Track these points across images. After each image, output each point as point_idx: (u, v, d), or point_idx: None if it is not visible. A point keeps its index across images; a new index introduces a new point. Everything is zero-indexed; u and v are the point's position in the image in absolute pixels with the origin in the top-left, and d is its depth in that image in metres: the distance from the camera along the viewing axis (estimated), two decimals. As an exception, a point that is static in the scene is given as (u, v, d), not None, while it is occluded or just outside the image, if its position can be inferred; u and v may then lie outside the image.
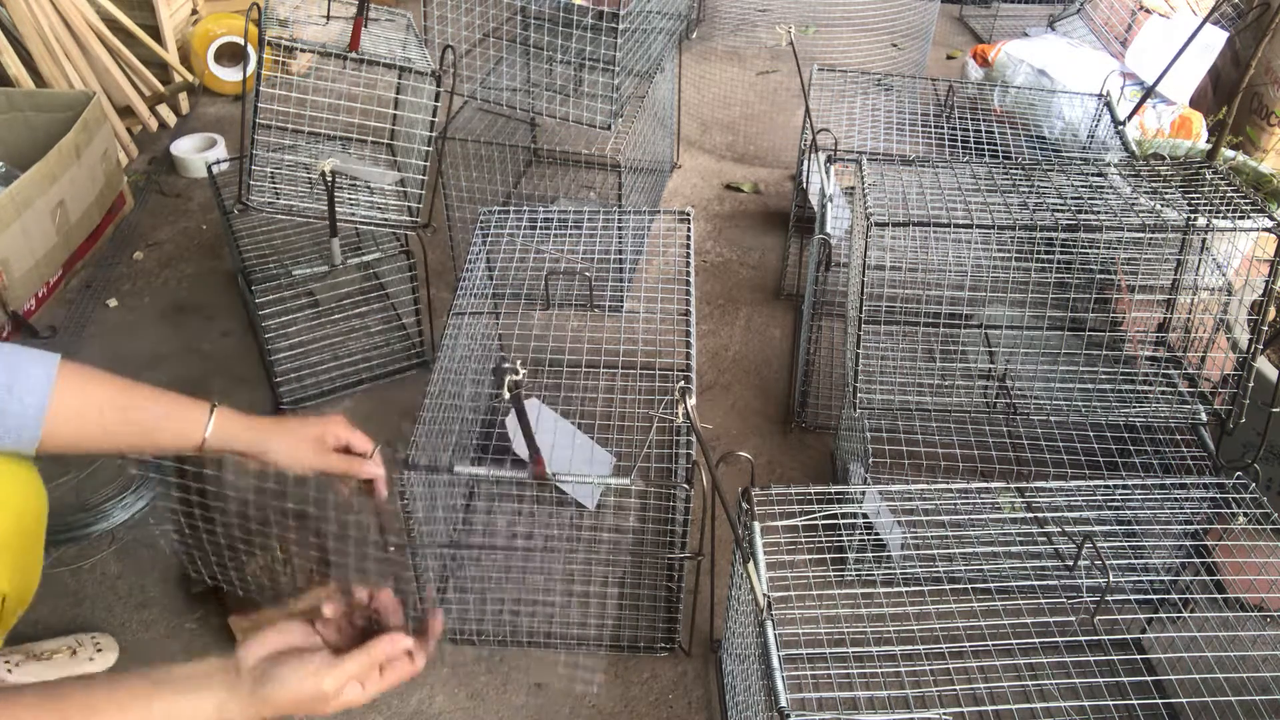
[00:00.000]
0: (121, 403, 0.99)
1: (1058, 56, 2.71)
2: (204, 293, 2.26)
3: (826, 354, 2.11)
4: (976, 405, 1.53)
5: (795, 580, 1.43)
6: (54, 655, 1.41)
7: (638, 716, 1.41)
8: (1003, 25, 4.04)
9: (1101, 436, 1.70)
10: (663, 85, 2.58)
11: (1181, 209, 1.48)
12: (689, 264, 1.61)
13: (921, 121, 2.23)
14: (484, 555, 1.53)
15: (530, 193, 2.66)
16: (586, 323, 1.72)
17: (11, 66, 2.53)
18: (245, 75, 2.09)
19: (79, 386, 0.93)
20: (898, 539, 1.57)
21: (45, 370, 0.88)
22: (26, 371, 0.87)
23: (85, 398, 0.94)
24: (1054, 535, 1.40)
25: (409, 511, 1.26)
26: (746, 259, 2.50)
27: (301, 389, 1.93)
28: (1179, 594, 1.45)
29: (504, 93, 2.17)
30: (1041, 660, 1.40)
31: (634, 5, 2.03)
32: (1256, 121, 2.71)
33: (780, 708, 0.96)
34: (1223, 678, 1.07)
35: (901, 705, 1.36)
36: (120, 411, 0.98)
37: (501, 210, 1.68)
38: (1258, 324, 1.40)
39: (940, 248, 1.96)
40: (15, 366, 0.86)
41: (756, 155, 3.00)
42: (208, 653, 1.46)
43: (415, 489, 1.28)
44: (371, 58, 1.76)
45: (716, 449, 1.87)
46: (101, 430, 0.96)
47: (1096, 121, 2.24)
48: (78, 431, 0.94)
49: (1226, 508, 1.27)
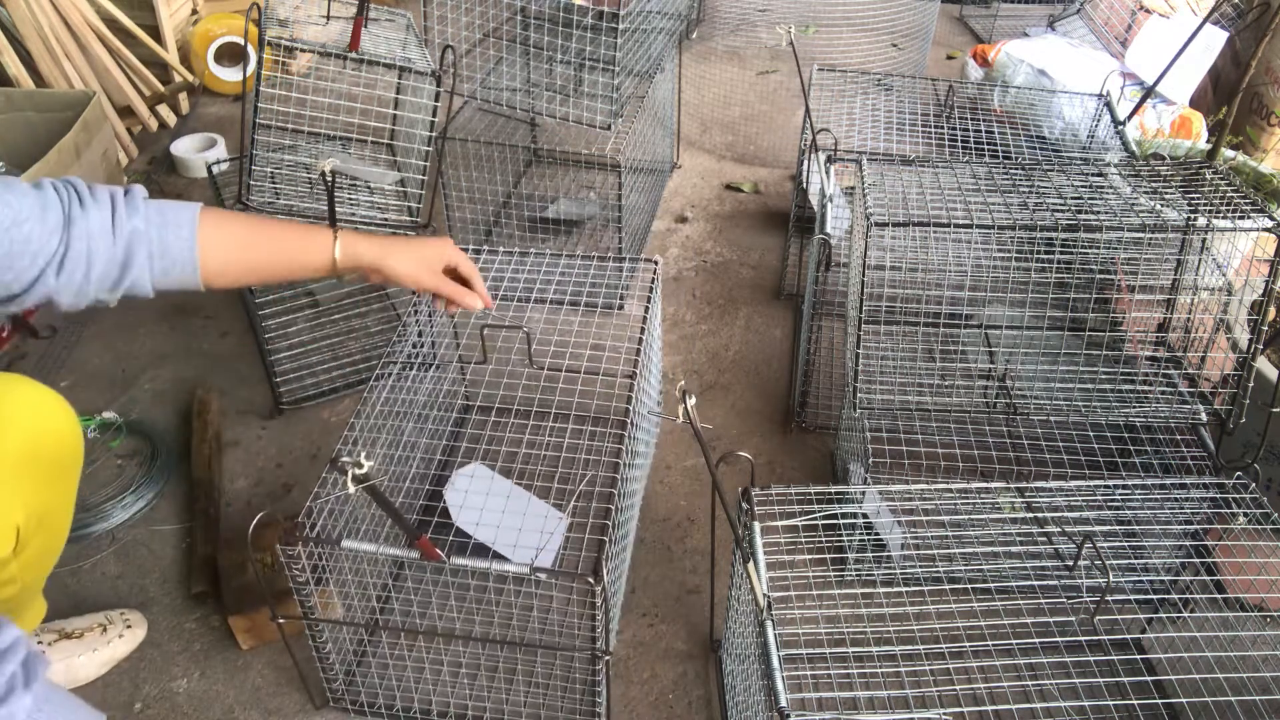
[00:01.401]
0: (259, 233, 1.13)
1: (1058, 56, 2.71)
2: (204, 292, 2.26)
3: (826, 354, 2.11)
4: (976, 405, 1.53)
5: (795, 580, 1.43)
6: (85, 634, 1.42)
7: (638, 717, 1.41)
8: (1003, 25, 4.05)
9: (1101, 436, 1.70)
10: (663, 85, 2.58)
11: (1181, 209, 1.48)
12: (647, 313, 1.55)
13: (921, 121, 2.23)
14: (403, 636, 1.47)
15: (530, 193, 2.66)
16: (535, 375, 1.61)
17: (11, 66, 2.53)
18: (245, 75, 2.09)
19: (219, 221, 1.07)
20: (898, 539, 1.57)
21: (190, 211, 1.05)
22: (175, 212, 1.04)
23: (227, 230, 1.08)
24: (1054, 535, 1.40)
25: (303, 583, 1.22)
26: (746, 259, 2.50)
27: (301, 389, 1.93)
28: (1179, 594, 1.45)
29: (504, 93, 2.17)
30: (1041, 660, 1.40)
31: (634, 5, 2.03)
32: (1256, 121, 2.71)
33: (780, 708, 0.96)
34: (1223, 678, 1.07)
35: (901, 705, 1.36)
36: (261, 239, 1.12)
37: (460, 249, 1.61)
38: (1258, 324, 1.40)
39: (940, 248, 1.96)
40: (164, 209, 1.04)
41: (756, 155, 3.00)
42: (208, 653, 1.48)
43: (325, 562, 1.24)
44: (371, 58, 1.76)
45: (716, 449, 1.88)
46: (246, 257, 1.10)
47: (1096, 121, 2.24)
48: (226, 259, 1.08)
49: (1226, 508, 1.27)
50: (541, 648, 1.45)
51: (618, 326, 2.13)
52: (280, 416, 1.92)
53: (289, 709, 1.40)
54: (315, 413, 1.94)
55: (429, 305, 1.57)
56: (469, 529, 1.47)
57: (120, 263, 0.99)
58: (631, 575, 1.62)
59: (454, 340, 1.75)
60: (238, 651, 1.47)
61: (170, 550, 1.64)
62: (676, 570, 1.64)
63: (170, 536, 1.66)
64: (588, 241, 2.48)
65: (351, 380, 1.99)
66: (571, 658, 1.46)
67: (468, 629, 1.49)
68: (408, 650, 1.46)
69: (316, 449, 1.85)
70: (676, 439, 1.91)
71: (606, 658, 1.22)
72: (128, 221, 0.99)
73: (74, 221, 0.95)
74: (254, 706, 1.40)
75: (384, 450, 1.42)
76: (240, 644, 1.47)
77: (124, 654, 1.45)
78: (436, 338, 1.66)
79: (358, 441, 1.31)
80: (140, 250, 1.00)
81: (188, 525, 1.67)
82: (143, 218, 1.00)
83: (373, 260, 1.17)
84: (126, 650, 1.45)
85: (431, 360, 1.66)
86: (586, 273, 1.64)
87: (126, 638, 1.45)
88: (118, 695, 1.41)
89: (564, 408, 1.80)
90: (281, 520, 1.57)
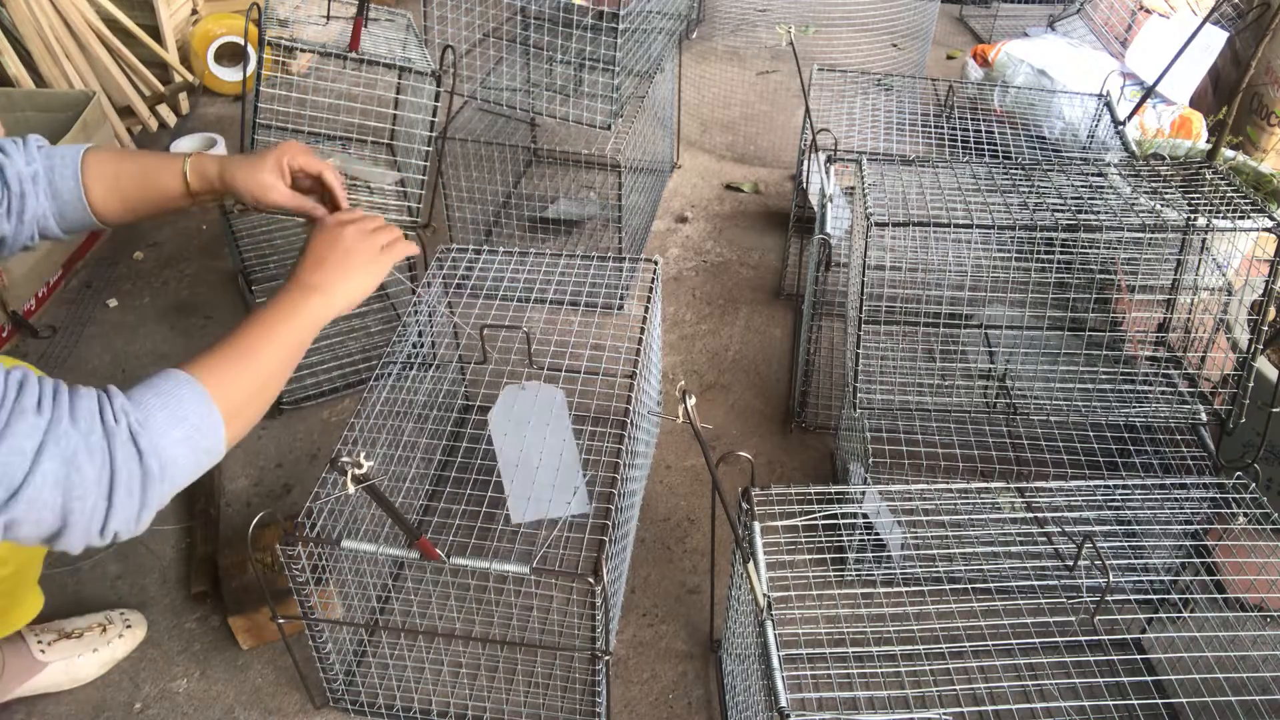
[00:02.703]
0: (126, 164, 1.15)
1: (1058, 56, 2.71)
2: (204, 293, 2.26)
3: (826, 354, 2.11)
4: (976, 405, 1.53)
5: (795, 580, 1.43)
6: (85, 634, 1.43)
7: (638, 716, 1.41)
8: (1003, 25, 4.04)
9: (1101, 436, 1.70)
10: (663, 85, 2.58)
11: (1181, 209, 1.48)
12: (647, 313, 1.53)
13: (921, 121, 2.23)
14: (403, 637, 1.46)
15: (530, 193, 2.66)
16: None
17: (11, 66, 2.53)
18: (245, 75, 2.09)
19: (98, 159, 1.13)
20: (898, 539, 1.57)
21: (74, 153, 1.11)
22: (61, 156, 1.10)
23: (103, 167, 1.13)
24: (1054, 535, 1.40)
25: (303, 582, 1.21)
26: (746, 259, 2.50)
27: (301, 389, 1.93)
28: (1179, 594, 1.45)
29: (504, 93, 2.17)
30: (1041, 660, 1.40)
31: (634, 5, 2.03)
32: (1256, 121, 2.71)
33: (780, 708, 0.96)
34: (1223, 678, 1.07)
35: (901, 705, 1.36)
36: (126, 171, 1.15)
37: (460, 249, 1.62)
38: (1258, 324, 1.40)
39: (940, 248, 1.96)
40: (51, 154, 1.10)
41: (756, 155, 3.00)
42: (208, 653, 1.47)
43: (325, 561, 1.23)
44: (371, 58, 1.76)
45: (716, 449, 1.88)
46: (119, 188, 1.14)
47: (1096, 121, 2.24)
48: (105, 193, 1.12)
49: (1226, 508, 1.27)
50: (541, 648, 1.45)
51: (618, 326, 2.13)
52: (280, 416, 1.92)
53: (289, 709, 1.40)
54: (315, 413, 1.94)
55: (429, 305, 1.56)
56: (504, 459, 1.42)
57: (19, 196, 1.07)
58: (631, 575, 1.62)
59: (454, 340, 1.75)
60: (238, 651, 1.47)
61: (170, 550, 1.64)
62: (676, 570, 1.64)
63: (170, 536, 1.66)
64: (588, 241, 2.47)
65: (351, 380, 1.99)
66: (571, 658, 1.46)
67: (467, 629, 1.49)
68: (408, 650, 1.46)
69: (316, 449, 1.85)
70: (676, 439, 1.91)
71: (606, 658, 1.22)
72: (28, 167, 1.07)
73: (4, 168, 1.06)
74: (254, 706, 1.40)
75: (384, 450, 1.42)
76: (240, 644, 1.47)
77: (124, 654, 1.45)
78: (436, 338, 1.66)
79: (358, 441, 1.31)
80: (42, 190, 1.08)
81: (187, 525, 1.67)
82: (40, 164, 1.09)
83: (216, 176, 1.18)
84: (126, 650, 1.45)
85: (431, 360, 1.66)
86: (586, 273, 1.64)
87: (126, 638, 1.45)
88: (118, 695, 1.41)
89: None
90: (281, 520, 1.57)
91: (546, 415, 1.43)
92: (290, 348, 1.03)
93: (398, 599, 1.54)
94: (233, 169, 1.19)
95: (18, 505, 0.72)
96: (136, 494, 0.79)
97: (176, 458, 0.82)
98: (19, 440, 0.73)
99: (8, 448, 0.72)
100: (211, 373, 0.90)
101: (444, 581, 1.53)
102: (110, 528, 0.79)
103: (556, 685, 1.43)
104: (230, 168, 1.19)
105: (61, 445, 0.75)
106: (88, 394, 0.80)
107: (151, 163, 1.18)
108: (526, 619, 1.53)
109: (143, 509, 0.80)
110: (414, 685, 1.41)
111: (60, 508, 0.75)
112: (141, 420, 0.81)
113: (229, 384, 0.90)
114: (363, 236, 1.15)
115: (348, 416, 1.74)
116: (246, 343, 0.96)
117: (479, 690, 1.42)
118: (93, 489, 0.76)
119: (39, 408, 0.75)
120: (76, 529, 0.77)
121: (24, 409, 0.74)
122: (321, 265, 1.11)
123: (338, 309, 1.11)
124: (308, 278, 1.09)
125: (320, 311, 1.08)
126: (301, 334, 1.05)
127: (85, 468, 0.76)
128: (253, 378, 0.95)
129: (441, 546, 1.17)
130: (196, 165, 1.18)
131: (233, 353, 0.94)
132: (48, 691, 1.39)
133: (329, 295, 1.09)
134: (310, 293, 1.07)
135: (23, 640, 1.38)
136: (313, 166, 1.24)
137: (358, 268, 1.13)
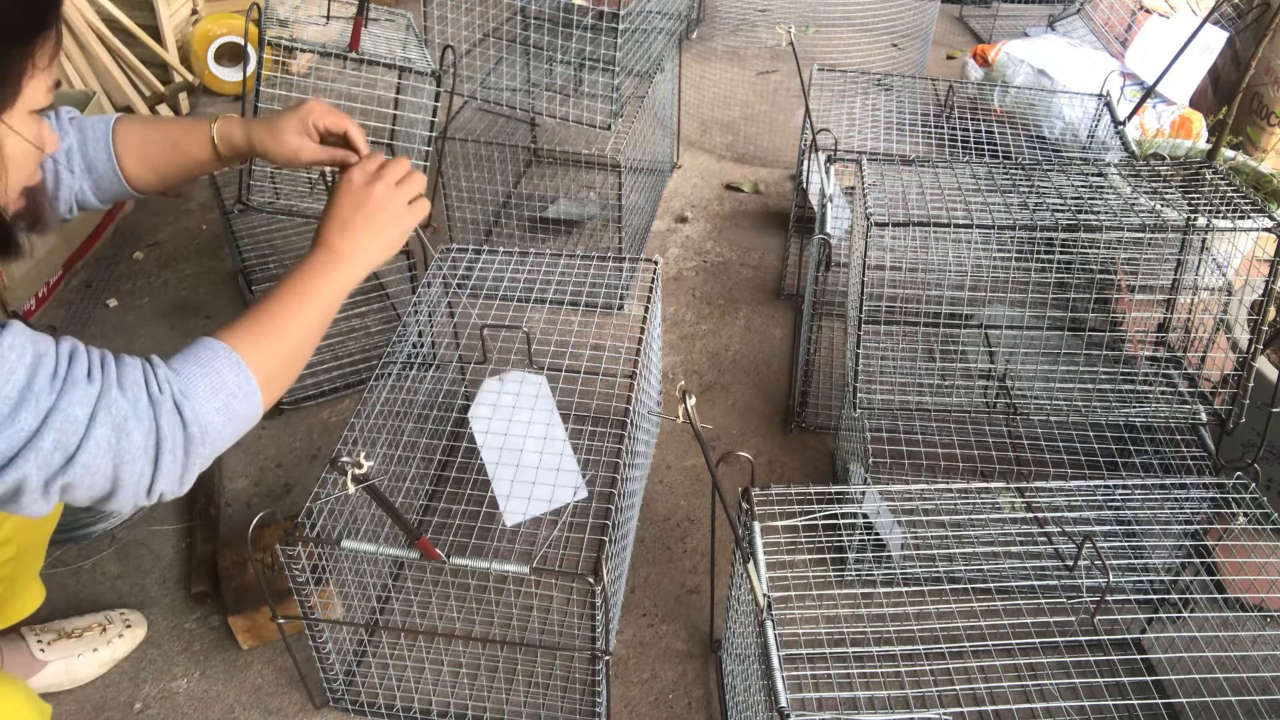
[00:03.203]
0: (154, 132, 1.17)
1: (1058, 56, 2.71)
2: (204, 293, 2.26)
3: (826, 354, 2.11)
4: (976, 405, 1.53)
5: (795, 580, 1.43)
6: (85, 633, 1.43)
7: (638, 716, 1.41)
8: (1003, 25, 4.05)
9: (1101, 436, 1.70)
10: (663, 85, 2.58)
11: (1181, 209, 1.48)
12: (647, 313, 1.53)
13: (921, 121, 2.23)
14: (403, 637, 1.46)
15: (530, 193, 2.66)
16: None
17: (11, 66, 2.52)
18: (245, 75, 2.09)
19: (127, 128, 1.14)
20: (898, 539, 1.57)
21: (105, 124, 1.13)
22: (93, 128, 1.12)
23: (134, 137, 1.14)
24: (1054, 535, 1.40)
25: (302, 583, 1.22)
26: (746, 259, 2.50)
27: (301, 389, 1.93)
28: (1179, 594, 1.45)
29: (504, 93, 2.17)
30: (1041, 660, 1.40)
31: (634, 5, 2.03)
32: (1256, 121, 2.71)
33: (780, 708, 0.96)
34: (1223, 678, 1.07)
35: (901, 705, 1.36)
36: (155, 138, 1.16)
37: (460, 249, 1.62)
38: (1258, 324, 1.40)
39: (940, 248, 1.96)
40: (82, 126, 1.11)
41: (756, 155, 3.00)
42: (208, 653, 1.48)
43: (325, 561, 1.23)
44: (371, 58, 1.76)
45: (716, 449, 1.88)
46: (149, 155, 1.15)
47: (1096, 121, 2.24)
48: (137, 161, 1.14)
49: (1226, 508, 1.27)
50: (541, 648, 1.45)
51: (618, 326, 2.13)
52: (280, 416, 1.92)
53: (289, 709, 1.40)
54: (315, 412, 1.94)
55: (429, 305, 1.56)
56: (489, 461, 1.40)
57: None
58: (631, 575, 1.62)
59: (454, 340, 1.75)
60: (238, 651, 1.47)
61: (170, 550, 1.64)
62: (676, 570, 1.64)
63: (170, 536, 1.66)
64: (588, 241, 2.47)
65: (351, 380, 1.99)
66: (571, 658, 1.46)
67: (467, 629, 1.49)
68: (408, 650, 1.46)
69: (316, 449, 1.85)
70: (676, 439, 1.91)
71: (606, 658, 1.22)
72: (61, 143, 1.08)
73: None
74: (254, 706, 1.40)
75: (384, 450, 1.42)
76: (240, 644, 1.47)
77: (124, 654, 1.45)
78: (436, 338, 1.66)
79: (357, 441, 1.31)
80: (76, 164, 1.10)
81: (188, 525, 1.67)
82: (74, 137, 1.10)
83: (243, 140, 1.18)
84: (126, 650, 1.45)
85: (431, 360, 1.66)
86: (586, 273, 1.64)
87: (126, 637, 1.45)
88: (118, 695, 1.41)
89: (564, 408, 1.79)
90: (281, 520, 1.57)
91: (530, 404, 1.42)
92: (321, 314, 1.05)
93: (398, 599, 1.54)
94: (260, 134, 1.19)
95: (74, 469, 0.77)
96: (180, 458, 0.84)
97: (216, 424, 0.87)
98: (74, 409, 0.77)
99: (63, 416, 0.76)
100: (246, 342, 0.93)
101: (444, 581, 1.53)
102: (156, 489, 0.84)
103: (556, 685, 1.43)
104: (258, 132, 1.19)
105: (112, 412, 0.79)
106: (133, 363, 0.85)
107: (179, 131, 1.19)
108: (526, 619, 1.53)
109: (185, 471, 0.86)
110: (414, 685, 1.41)
111: (111, 471, 0.80)
112: (184, 389, 0.85)
113: (264, 352, 0.94)
114: (389, 193, 1.14)
115: (348, 416, 1.74)
116: (278, 311, 0.99)
117: (479, 690, 1.42)
118: (140, 454, 0.81)
119: (89, 377, 0.79)
120: (126, 490, 0.82)
121: (76, 379, 0.78)
122: (347, 228, 1.11)
123: (366, 270, 1.11)
124: (335, 240, 1.08)
125: (349, 275, 1.08)
126: (331, 300, 1.06)
127: (134, 433, 0.80)
128: (285, 345, 0.97)
129: (441, 546, 1.17)
130: (224, 133, 1.18)
131: (267, 321, 0.97)
132: (47, 691, 1.39)
133: (356, 258, 1.09)
134: (338, 258, 1.07)
135: (22, 640, 1.38)
136: (338, 125, 1.24)
137: (385, 225, 1.11)
